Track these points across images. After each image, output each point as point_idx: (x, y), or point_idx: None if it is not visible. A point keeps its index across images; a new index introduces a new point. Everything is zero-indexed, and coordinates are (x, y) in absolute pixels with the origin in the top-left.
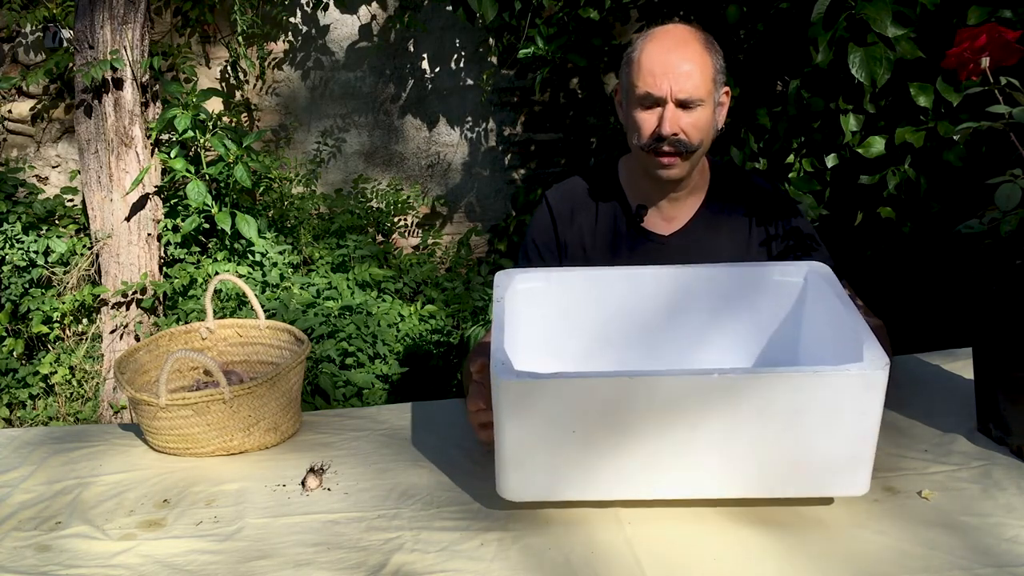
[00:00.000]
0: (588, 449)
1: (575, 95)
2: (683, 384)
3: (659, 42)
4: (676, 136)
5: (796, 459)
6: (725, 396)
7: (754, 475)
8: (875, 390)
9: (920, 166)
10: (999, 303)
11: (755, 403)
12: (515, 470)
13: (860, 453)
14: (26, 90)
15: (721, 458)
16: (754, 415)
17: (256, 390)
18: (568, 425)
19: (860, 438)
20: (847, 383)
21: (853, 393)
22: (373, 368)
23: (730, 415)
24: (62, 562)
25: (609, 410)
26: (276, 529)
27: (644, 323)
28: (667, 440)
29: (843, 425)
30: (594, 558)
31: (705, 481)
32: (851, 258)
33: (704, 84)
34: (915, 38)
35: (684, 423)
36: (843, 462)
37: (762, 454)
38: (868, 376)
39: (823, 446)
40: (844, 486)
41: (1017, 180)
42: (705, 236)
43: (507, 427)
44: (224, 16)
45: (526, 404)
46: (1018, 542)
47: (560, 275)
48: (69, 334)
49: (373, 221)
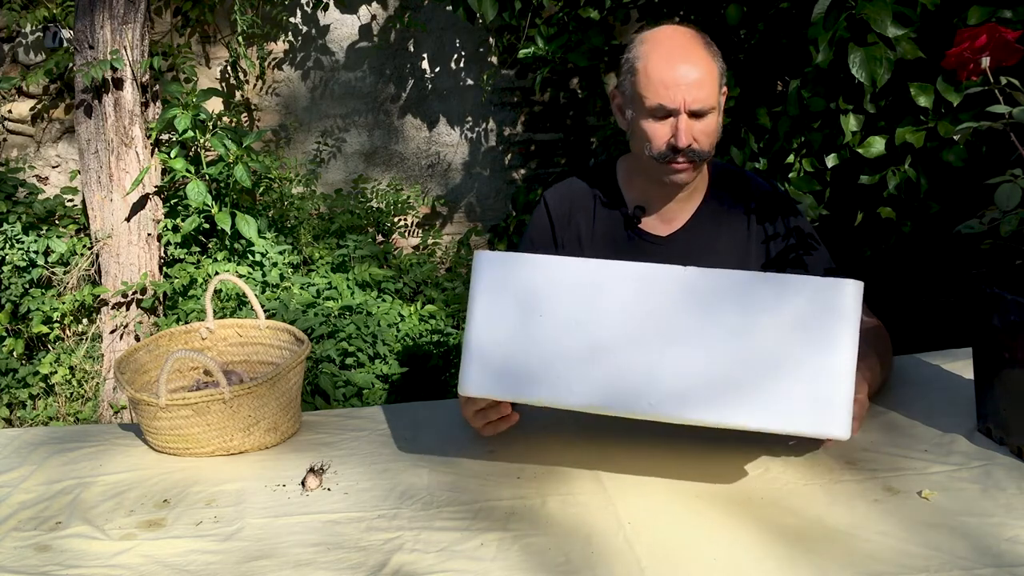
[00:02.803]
0: (553, 343)
1: (575, 95)
2: (652, 273)
3: (665, 51)
4: (691, 147)
5: (762, 378)
6: (693, 293)
7: (720, 393)
8: (846, 307)
9: (920, 166)
10: (999, 305)
11: (724, 303)
12: (478, 361)
13: (833, 389)
14: (26, 90)
15: (687, 366)
16: (722, 316)
17: (256, 390)
18: (537, 307)
19: (833, 372)
20: (816, 291)
21: (823, 305)
22: (373, 368)
23: (698, 315)
24: (62, 562)
25: (578, 295)
26: (276, 529)
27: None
28: (632, 337)
29: (812, 350)
30: (594, 558)
31: (669, 398)
32: (851, 258)
33: (713, 91)
34: (915, 38)
35: (650, 319)
36: (815, 395)
37: (728, 366)
38: (840, 287)
39: (791, 370)
40: (818, 424)
41: (1017, 180)
42: (704, 236)
43: (479, 305)
44: (224, 16)
45: (501, 278)
46: (1018, 542)
47: None
48: (69, 334)
49: (373, 221)
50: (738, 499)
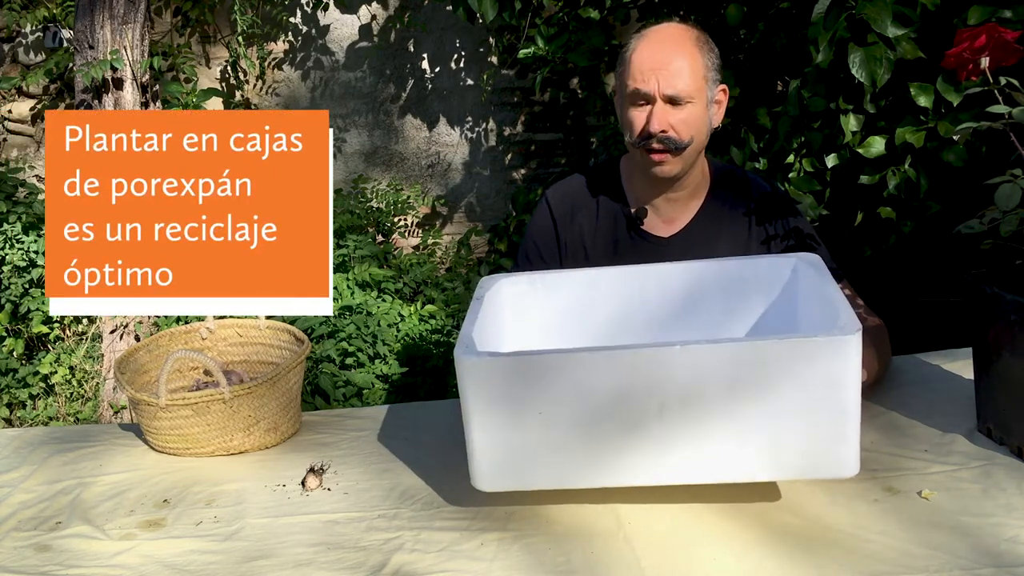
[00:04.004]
0: (555, 430)
1: (575, 95)
2: (644, 356)
3: (649, 40)
4: (665, 133)
5: (773, 436)
6: (690, 369)
7: (730, 456)
8: (848, 357)
9: (920, 166)
10: (999, 304)
11: (722, 376)
12: (485, 457)
13: (842, 429)
14: (26, 90)
15: (693, 438)
16: (723, 389)
17: (256, 390)
18: (534, 405)
19: (840, 412)
20: (815, 351)
21: (824, 361)
22: (373, 368)
23: (697, 389)
24: (62, 562)
25: (572, 387)
26: (276, 529)
27: (637, 323)
28: (634, 419)
29: (818, 398)
30: (594, 558)
31: (680, 466)
32: (851, 258)
33: (694, 81)
34: (915, 38)
35: (650, 398)
36: (825, 440)
37: (735, 432)
38: (838, 342)
39: (799, 422)
40: (830, 467)
41: (1017, 180)
42: (705, 237)
43: (473, 410)
44: (224, 16)
45: (490, 384)
46: (1018, 542)
47: (544, 279)
48: (69, 334)
49: (373, 221)
50: (738, 499)
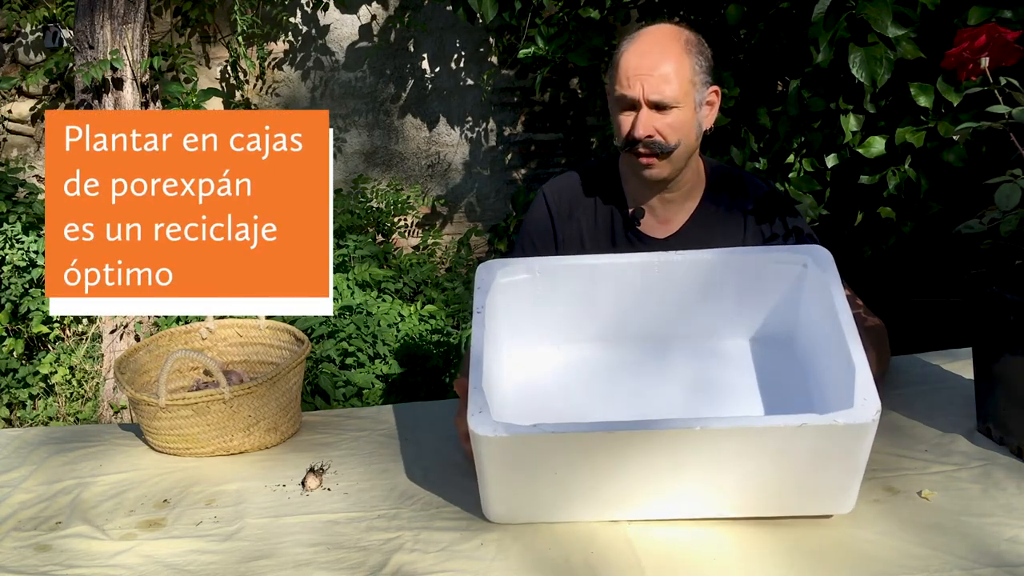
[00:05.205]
0: (571, 485)
1: (575, 95)
2: (664, 437)
3: (637, 45)
4: (651, 138)
5: (782, 490)
6: (707, 445)
7: (738, 503)
8: (864, 438)
9: (920, 166)
10: (999, 305)
11: (738, 449)
12: (500, 502)
13: (848, 483)
14: (26, 90)
15: (704, 489)
16: (737, 461)
17: (256, 390)
18: (550, 467)
19: (848, 472)
20: (833, 433)
21: (839, 441)
22: (373, 368)
23: (713, 462)
24: (62, 562)
25: (590, 458)
26: (276, 529)
27: (634, 312)
28: (650, 486)
29: (830, 465)
30: (594, 558)
31: (693, 504)
32: (851, 258)
33: (680, 86)
34: (915, 38)
35: (666, 469)
36: (831, 491)
37: (746, 489)
38: (856, 428)
39: (810, 482)
40: (831, 507)
41: (1017, 180)
42: (701, 238)
43: (489, 471)
44: (224, 16)
45: (506, 454)
46: (1018, 542)
47: (543, 264)
48: (69, 334)
49: (373, 221)
50: None
